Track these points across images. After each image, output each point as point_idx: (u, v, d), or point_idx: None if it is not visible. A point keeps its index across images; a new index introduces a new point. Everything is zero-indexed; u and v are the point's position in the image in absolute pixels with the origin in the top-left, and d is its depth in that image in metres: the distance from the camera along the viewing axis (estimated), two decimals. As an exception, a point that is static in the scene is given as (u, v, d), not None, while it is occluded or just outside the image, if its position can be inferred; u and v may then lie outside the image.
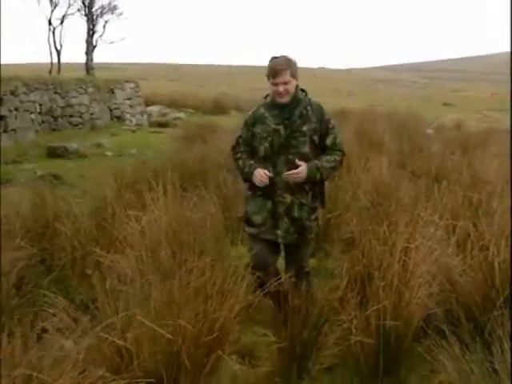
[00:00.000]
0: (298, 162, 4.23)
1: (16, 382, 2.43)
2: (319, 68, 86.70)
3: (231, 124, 17.89)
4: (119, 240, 5.13)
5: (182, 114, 28.34)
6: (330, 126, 4.43)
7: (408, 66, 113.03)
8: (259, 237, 4.50)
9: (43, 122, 18.42)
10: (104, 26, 25.65)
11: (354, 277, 4.14)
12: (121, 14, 27.71)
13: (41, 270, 5.45)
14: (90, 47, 24.34)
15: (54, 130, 18.84)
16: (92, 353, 3.02)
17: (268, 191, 4.40)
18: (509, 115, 32.68)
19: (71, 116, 19.99)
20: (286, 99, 4.31)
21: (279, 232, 4.44)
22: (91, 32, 24.35)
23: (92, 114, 21.29)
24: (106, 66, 41.43)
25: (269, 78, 4.31)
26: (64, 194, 6.82)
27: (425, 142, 12.22)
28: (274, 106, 4.41)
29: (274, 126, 4.36)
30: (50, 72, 24.48)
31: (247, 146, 4.57)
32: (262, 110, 4.48)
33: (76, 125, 20.15)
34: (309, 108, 4.39)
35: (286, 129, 4.33)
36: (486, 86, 67.03)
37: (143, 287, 3.81)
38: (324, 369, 3.90)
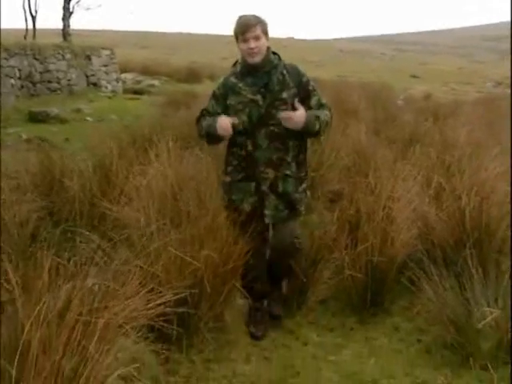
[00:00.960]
0: (297, 105, 3.86)
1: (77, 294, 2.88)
2: (288, 38, 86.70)
3: (208, 91, 18.35)
4: (125, 193, 5.57)
5: (156, 82, 28.57)
6: (311, 88, 4.03)
7: (377, 37, 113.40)
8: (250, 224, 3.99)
9: (22, 87, 18.57)
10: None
11: (343, 223, 4.71)
12: None
13: (51, 222, 5.87)
14: (67, 13, 24.40)
15: (32, 95, 18.99)
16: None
17: (248, 170, 4.02)
18: (475, 88, 33.55)
19: (49, 82, 20.13)
20: (257, 58, 3.88)
21: (267, 212, 4.02)
22: (67, -3, 24.42)
23: (69, 80, 21.44)
24: (79, 33, 41.17)
25: (237, 37, 3.91)
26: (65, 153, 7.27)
27: (397, 112, 12.84)
28: (246, 73, 3.99)
29: (250, 96, 3.94)
30: (25, 37, 24.47)
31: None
32: (233, 80, 4.03)
33: (54, 90, 20.30)
34: (285, 72, 3.97)
35: (265, 98, 3.91)
36: (454, 59, 67.92)
37: (159, 230, 4.30)
38: (319, 301, 4.53)
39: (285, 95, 3.91)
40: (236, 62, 4.10)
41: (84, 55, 22.99)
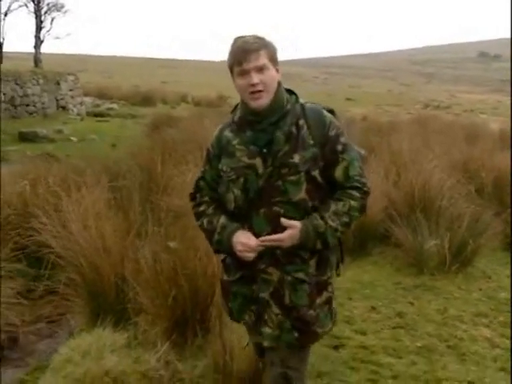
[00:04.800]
0: (283, 221, 2.55)
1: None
2: (220, 61, 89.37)
3: (173, 112, 21.04)
4: (170, 187, 7.77)
5: (114, 105, 30.59)
6: (340, 148, 2.62)
7: (306, 61, 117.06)
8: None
9: (5, 109, 20.52)
10: (51, 22, 27.97)
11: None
12: (66, 11, 30.13)
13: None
14: (38, 41, 26.41)
15: (14, 117, 20.93)
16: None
17: (246, 267, 2.68)
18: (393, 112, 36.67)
19: (27, 105, 22.13)
20: (264, 101, 2.56)
21: (265, 330, 2.67)
22: (39, 27, 26.45)
23: (43, 103, 23.44)
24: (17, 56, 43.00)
25: (233, 69, 2.61)
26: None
27: (347, 130, 15.46)
28: (245, 123, 2.66)
29: (246, 160, 2.61)
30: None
31: (214, 192, 2.81)
32: (228, 134, 2.71)
33: (31, 113, 22.28)
34: (302, 123, 2.61)
35: (266, 162, 2.58)
36: (383, 82, 71.71)
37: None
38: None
39: (297, 159, 2.55)
40: (235, 107, 2.76)
41: (54, 80, 24.97)
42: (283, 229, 2.55)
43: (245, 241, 2.58)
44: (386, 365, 4.08)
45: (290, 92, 2.70)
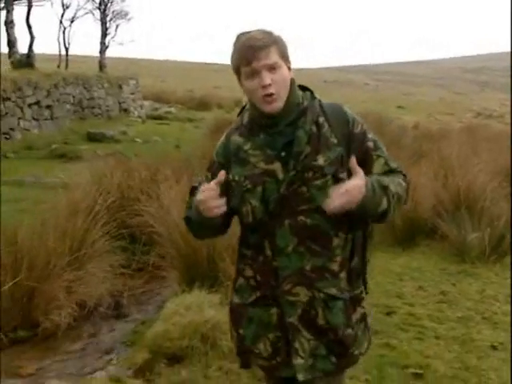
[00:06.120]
0: (352, 162, 2.16)
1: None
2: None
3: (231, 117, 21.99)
4: None
5: (172, 109, 31.84)
6: (371, 145, 2.32)
7: (358, 67, 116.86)
8: (273, 374, 2.44)
9: (74, 111, 21.89)
10: (116, 29, 29.64)
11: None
12: (130, 18, 31.91)
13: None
14: (103, 47, 27.93)
15: (81, 119, 22.29)
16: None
17: (266, 287, 2.31)
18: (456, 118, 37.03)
19: (93, 107, 23.51)
20: (278, 105, 2.22)
21: (297, 361, 2.26)
22: (104, 34, 28.00)
23: (107, 106, 24.85)
24: (77, 60, 44.73)
25: (239, 69, 2.25)
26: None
27: (398, 137, 16.21)
28: (257, 127, 2.31)
29: (263, 166, 2.26)
30: (59, 66, 27.74)
31: None
32: (238, 139, 2.35)
33: (96, 115, 23.65)
34: (322, 120, 2.28)
35: (287, 166, 2.22)
36: (435, 90, 71.47)
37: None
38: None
39: (321, 161, 2.22)
40: (242, 109, 2.45)
41: (117, 84, 26.36)
42: (312, 241, 2.22)
43: (205, 186, 2.18)
44: (430, 328, 4.94)
45: (304, 88, 2.37)
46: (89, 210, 5.77)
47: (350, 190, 2.11)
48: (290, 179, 2.21)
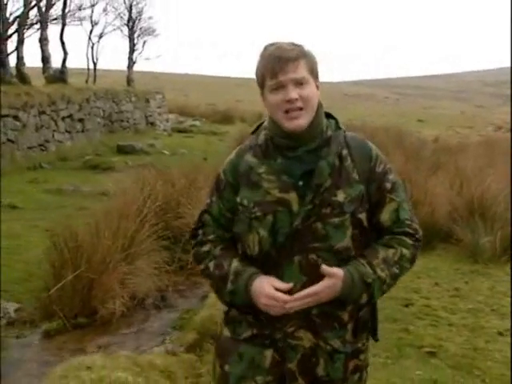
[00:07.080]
0: (324, 268, 2.00)
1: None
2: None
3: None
4: None
5: (196, 122, 32.63)
6: (388, 187, 2.15)
7: (378, 81, 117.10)
8: None
9: (104, 125, 22.74)
10: (143, 45, 30.67)
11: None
12: (157, 35, 32.98)
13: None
14: (131, 62, 28.89)
15: (110, 131, 23.13)
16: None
17: (265, 325, 2.13)
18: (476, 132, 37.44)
19: (121, 121, 24.37)
20: (302, 121, 2.04)
21: None
22: (132, 50, 29.01)
23: (135, 119, 25.70)
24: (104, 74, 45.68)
25: (264, 82, 2.09)
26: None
27: (418, 150, 16.80)
28: (273, 148, 2.12)
29: (277, 194, 2.06)
30: (87, 81, 28.65)
31: (222, 229, 2.23)
32: (251, 159, 2.15)
33: (124, 128, 24.49)
34: (345, 152, 2.11)
35: (304, 198, 2.04)
36: (456, 103, 71.53)
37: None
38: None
39: (341, 197, 2.05)
40: (258, 126, 2.24)
41: (144, 98, 27.22)
42: (317, 279, 2.00)
43: (271, 292, 2.00)
44: (443, 317, 5.57)
45: (328, 115, 2.17)
46: (138, 213, 6.45)
47: (319, 292, 2.00)
48: (306, 213, 2.02)
